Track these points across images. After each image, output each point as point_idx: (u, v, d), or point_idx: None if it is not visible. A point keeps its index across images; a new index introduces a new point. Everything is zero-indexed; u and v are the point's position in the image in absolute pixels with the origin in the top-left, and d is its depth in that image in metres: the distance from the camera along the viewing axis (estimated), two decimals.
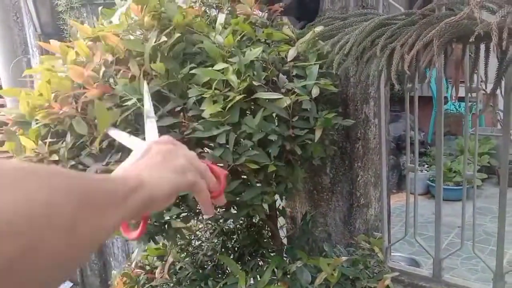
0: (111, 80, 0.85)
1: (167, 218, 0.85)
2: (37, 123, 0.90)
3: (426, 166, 4.28)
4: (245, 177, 0.90)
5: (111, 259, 2.94)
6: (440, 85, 1.31)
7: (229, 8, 1.09)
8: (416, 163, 1.37)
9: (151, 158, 0.52)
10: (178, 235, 0.93)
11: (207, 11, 1.11)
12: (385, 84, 1.27)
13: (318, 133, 0.88)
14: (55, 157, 0.87)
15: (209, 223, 1.47)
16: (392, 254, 1.52)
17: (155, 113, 0.77)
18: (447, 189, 3.52)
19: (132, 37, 0.89)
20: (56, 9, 2.40)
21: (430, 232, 3.07)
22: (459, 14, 0.90)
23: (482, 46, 1.00)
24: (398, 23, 0.99)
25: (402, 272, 1.39)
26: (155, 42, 0.80)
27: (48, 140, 0.87)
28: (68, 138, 0.85)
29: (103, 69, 0.86)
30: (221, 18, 0.94)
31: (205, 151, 0.81)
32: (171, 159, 0.53)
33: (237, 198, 0.85)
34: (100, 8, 1.08)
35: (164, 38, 0.79)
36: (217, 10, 1.11)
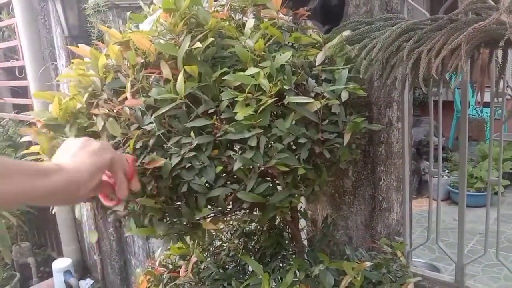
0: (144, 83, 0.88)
1: (197, 218, 0.87)
2: (70, 128, 0.92)
3: (447, 171, 4.23)
4: (268, 179, 0.91)
5: (131, 258, 2.99)
6: (464, 90, 1.30)
7: (254, 12, 1.11)
8: (439, 169, 1.36)
9: (69, 148, 0.67)
10: (207, 236, 0.95)
11: (232, 15, 1.13)
12: (410, 88, 1.27)
13: (347, 137, 0.89)
14: None
15: (231, 224, 1.48)
16: (412, 259, 1.51)
17: (190, 114, 0.81)
18: (468, 195, 3.44)
19: (162, 41, 0.91)
20: (84, 13, 2.47)
21: (451, 238, 3.03)
22: (488, 19, 0.89)
23: (510, 52, 0.99)
24: (425, 28, 0.99)
25: (423, 277, 1.38)
26: (188, 46, 0.82)
27: None
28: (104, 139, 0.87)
29: (134, 73, 0.88)
30: (250, 22, 0.96)
31: (236, 154, 0.83)
32: (88, 145, 0.67)
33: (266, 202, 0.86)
34: (128, 12, 1.11)
35: (198, 44, 0.81)
36: (241, 14, 1.13)
